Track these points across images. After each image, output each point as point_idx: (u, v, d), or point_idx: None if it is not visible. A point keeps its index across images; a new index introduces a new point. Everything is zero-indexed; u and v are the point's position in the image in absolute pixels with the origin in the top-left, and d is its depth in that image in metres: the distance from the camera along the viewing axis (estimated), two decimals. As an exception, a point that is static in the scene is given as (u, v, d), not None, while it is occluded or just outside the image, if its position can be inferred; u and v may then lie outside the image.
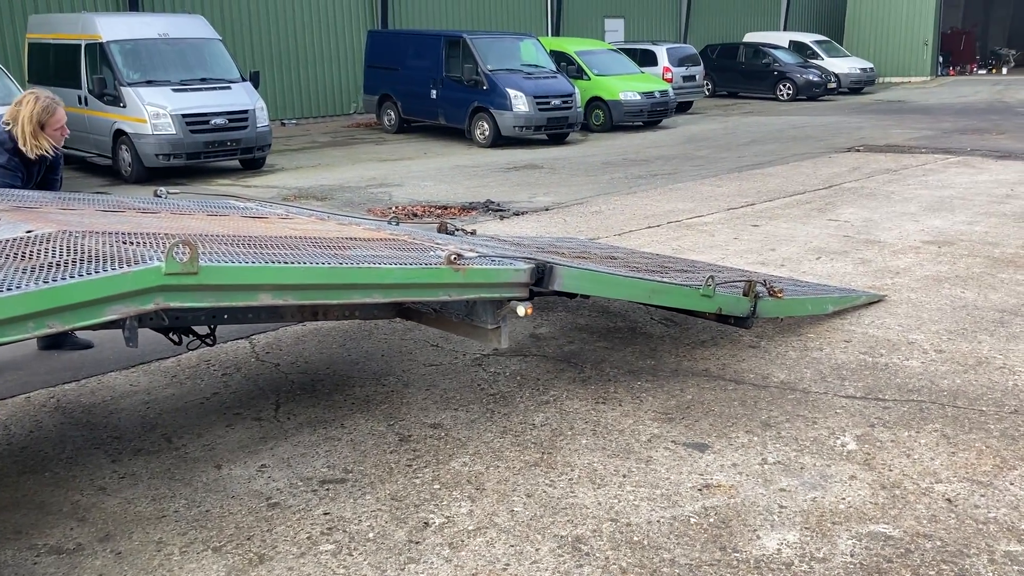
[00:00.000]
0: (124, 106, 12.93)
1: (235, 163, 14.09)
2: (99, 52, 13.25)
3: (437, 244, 4.36)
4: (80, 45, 13.56)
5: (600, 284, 4.44)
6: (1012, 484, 3.66)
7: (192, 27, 14.39)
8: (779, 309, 5.39)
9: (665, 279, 4.87)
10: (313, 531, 3.40)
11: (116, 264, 2.86)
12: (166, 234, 3.55)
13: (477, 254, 4.12)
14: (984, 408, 4.41)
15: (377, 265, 3.56)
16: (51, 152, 5.23)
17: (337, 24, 22.17)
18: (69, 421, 4.49)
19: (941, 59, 35.90)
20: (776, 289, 5.27)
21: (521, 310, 3.90)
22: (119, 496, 3.70)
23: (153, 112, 12.70)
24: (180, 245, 2.87)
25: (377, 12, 22.76)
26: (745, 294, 5.04)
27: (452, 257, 3.75)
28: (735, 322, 5.10)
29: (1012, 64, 38.61)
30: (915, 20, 34.25)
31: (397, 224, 6.68)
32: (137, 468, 3.95)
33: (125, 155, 13.08)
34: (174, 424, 4.42)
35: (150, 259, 2.91)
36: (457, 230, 7.12)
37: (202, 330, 4.15)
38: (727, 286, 5.03)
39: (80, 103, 13.73)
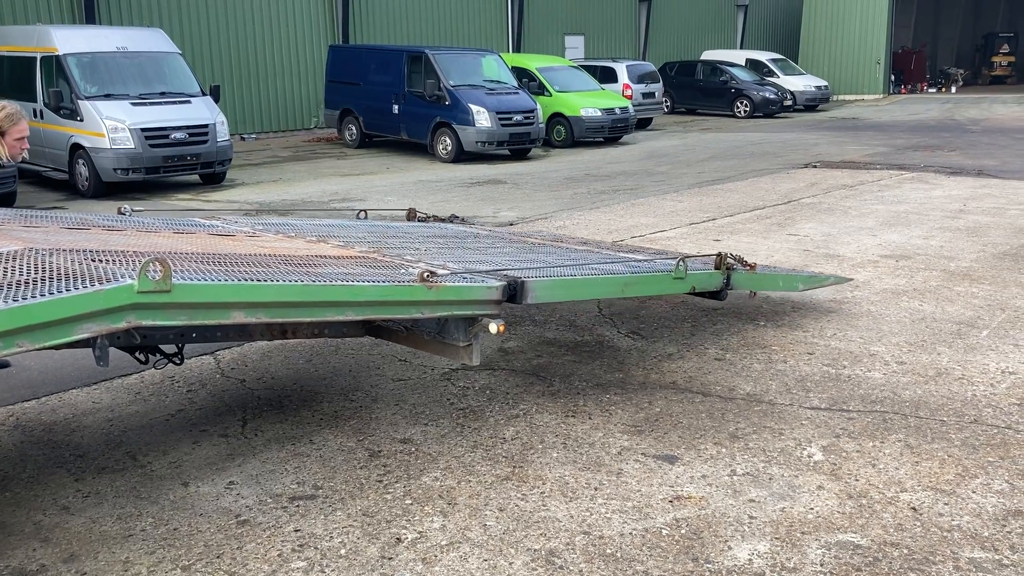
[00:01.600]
0: (81, 120, 12.74)
1: (195, 178, 13.95)
2: (55, 65, 13.05)
3: (407, 262, 4.37)
4: (36, 58, 13.35)
5: (573, 289, 4.48)
6: (974, 492, 3.74)
7: (151, 40, 14.24)
8: (752, 282, 5.55)
9: (639, 268, 4.95)
10: (284, 548, 3.38)
11: (87, 282, 2.83)
12: (135, 252, 3.51)
13: (449, 271, 4.14)
14: (945, 418, 4.51)
15: (350, 283, 3.55)
16: (5, 160, 5.11)
17: (298, 38, 22.10)
18: (29, 439, 4.40)
19: (893, 78, 36.72)
20: (749, 262, 5.41)
21: (493, 328, 3.91)
22: (83, 515, 3.64)
23: (111, 126, 12.53)
24: (153, 263, 2.85)
25: (338, 27, 22.72)
26: (717, 267, 5.23)
27: (425, 275, 3.75)
28: (709, 295, 5.27)
29: (960, 83, 39.60)
30: (867, 39, 35.00)
31: (366, 217, 6.69)
32: (102, 487, 3.89)
33: (82, 169, 12.88)
34: (139, 442, 4.35)
35: (122, 277, 2.88)
36: (429, 217, 7.14)
37: (169, 348, 4.10)
38: (698, 261, 5.17)
39: (35, 116, 13.49)
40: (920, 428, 4.40)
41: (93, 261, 3.17)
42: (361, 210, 6.86)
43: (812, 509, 3.63)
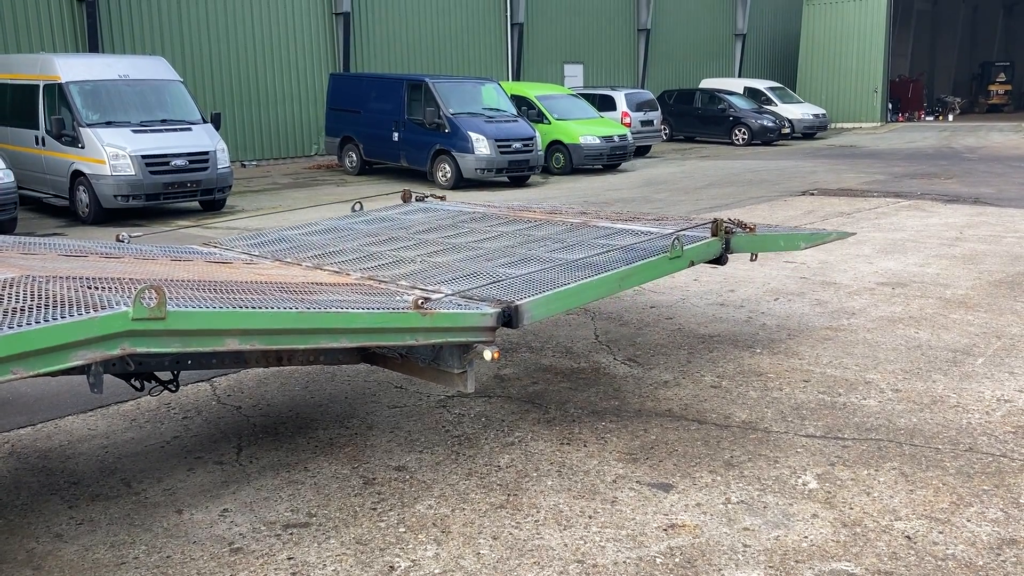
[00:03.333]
0: (82, 147, 12.82)
1: (195, 204, 14.01)
2: (58, 93, 13.15)
3: (402, 288, 4.39)
4: (38, 86, 13.45)
5: (569, 299, 4.43)
6: (969, 521, 3.74)
7: (153, 68, 14.36)
8: (752, 244, 5.48)
9: (634, 253, 4.89)
10: (277, 577, 3.37)
11: (82, 309, 2.85)
12: (131, 279, 3.53)
13: (443, 294, 4.16)
14: (940, 446, 4.51)
15: (344, 310, 3.57)
16: None
17: (299, 66, 22.27)
18: (24, 466, 4.40)
19: (890, 106, 36.96)
20: (748, 224, 5.37)
21: (488, 354, 3.93)
22: (76, 543, 3.63)
23: (112, 153, 12.60)
24: (148, 290, 2.87)
25: (339, 55, 22.91)
26: (714, 234, 5.16)
27: (419, 301, 3.77)
28: (711, 262, 5.27)
29: (957, 111, 39.85)
30: (865, 68, 35.27)
31: (361, 208, 6.71)
32: (95, 514, 3.88)
33: (83, 196, 12.94)
34: (134, 468, 4.35)
35: (117, 304, 2.89)
36: (426, 196, 7.15)
37: (165, 375, 4.11)
38: (696, 230, 5.10)
39: (37, 143, 13.60)
40: (915, 456, 4.40)
41: (89, 288, 3.19)
42: (357, 201, 6.88)
43: (806, 537, 3.62)
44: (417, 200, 7.16)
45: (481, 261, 5.06)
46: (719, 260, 5.37)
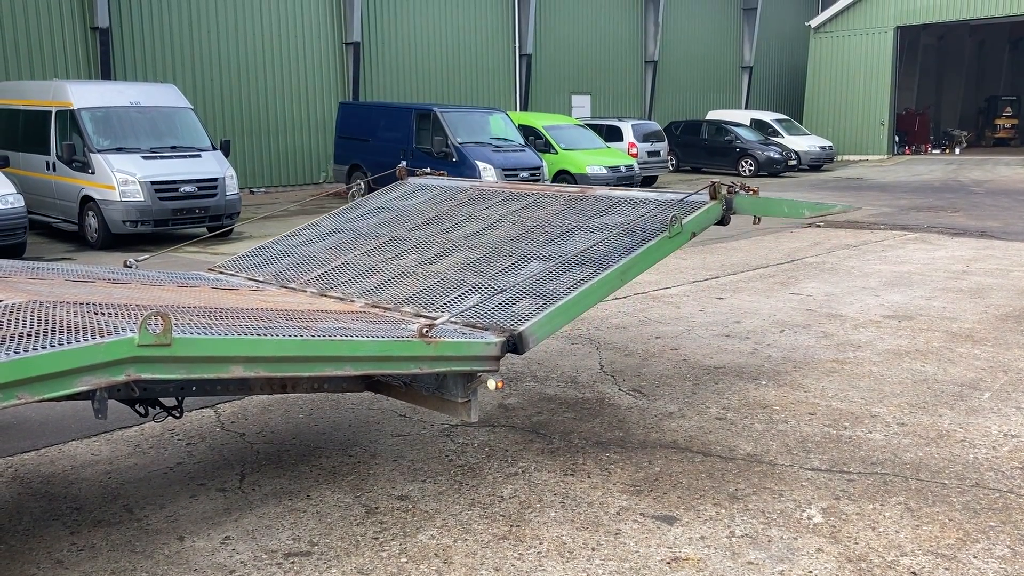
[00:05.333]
0: (93, 172, 12.92)
1: (203, 230, 14.08)
2: (69, 119, 13.29)
3: (406, 316, 4.40)
4: (51, 112, 13.59)
5: (571, 310, 4.36)
6: (975, 557, 3.70)
7: (164, 96, 14.51)
8: (756, 206, 5.30)
9: (633, 240, 4.80)
10: (278, 606, 3.35)
11: (88, 335, 2.86)
12: (137, 305, 3.55)
13: (447, 319, 4.16)
14: (946, 481, 4.48)
15: (349, 338, 3.57)
16: None
17: (308, 95, 22.47)
18: (27, 491, 4.40)
19: (897, 139, 37.06)
20: (751, 187, 5.22)
21: (492, 384, 3.93)
22: (77, 570, 3.62)
23: (122, 179, 12.70)
24: (154, 316, 2.88)
25: (348, 84, 23.12)
26: (712, 197, 5.03)
27: (423, 330, 3.78)
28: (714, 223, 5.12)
29: (964, 145, 39.92)
30: (871, 101, 35.42)
31: (362, 193, 6.62)
32: (97, 540, 3.87)
33: (92, 221, 13.03)
34: (136, 495, 4.34)
35: (123, 330, 2.91)
36: (424, 173, 7.08)
37: (169, 401, 4.12)
38: (693, 197, 4.96)
39: (48, 169, 13.72)
40: (921, 491, 4.36)
41: (96, 314, 3.21)
42: (355, 182, 6.80)
43: (811, 572, 3.59)
44: (413, 176, 7.01)
45: (482, 266, 4.97)
46: (722, 221, 5.18)
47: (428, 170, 7.24)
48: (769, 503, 4.23)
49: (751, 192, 5.26)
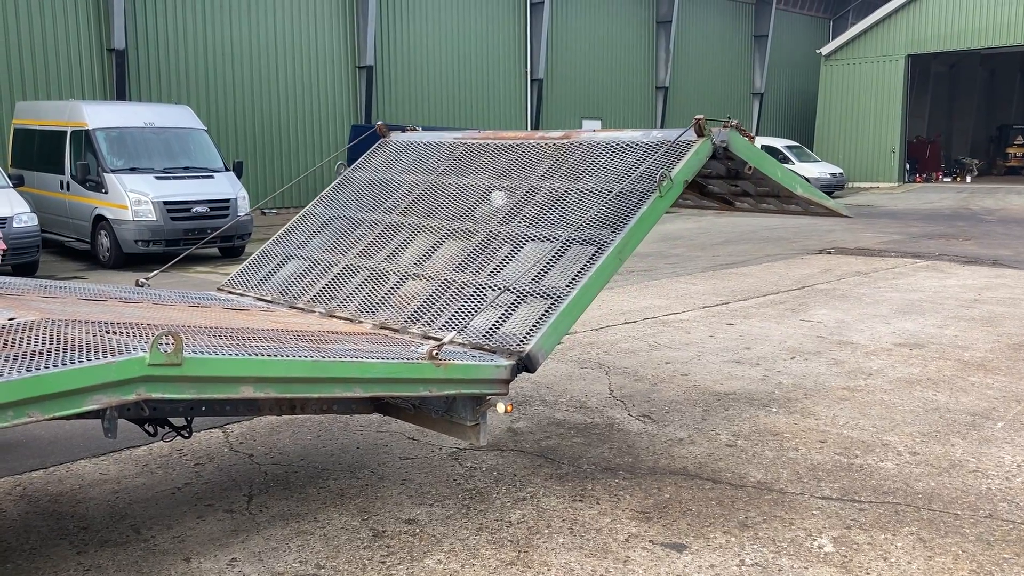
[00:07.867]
0: (106, 192, 13.03)
1: (214, 251, 14.15)
2: (84, 139, 13.42)
3: (415, 339, 4.39)
4: (66, 132, 13.73)
5: (574, 312, 4.25)
6: (988, 590, 3.66)
7: (178, 117, 14.64)
8: (750, 151, 5.03)
9: (625, 222, 4.52)
10: (283, 630, 3.32)
11: (99, 354, 2.87)
12: (149, 324, 3.56)
13: (457, 341, 4.15)
14: (959, 512, 4.43)
15: (359, 359, 3.57)
16: None
17: (321, 117, 22.65)
18: (35, 510, 4.39)
19: (908, 166, 37.05)
20: (748, 133, 4.97)
21: (501, 407, 3.91)
22: (84, 590, 3.60)
23: (135, 199, 12.80)
24: (165, 336, 2.89)
25: (361, 107, 23.29)
26: (699, 135, 4.75)
27: (433, 352, 3.77)
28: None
29: (975, 173, 39.86)
30: (882, 129, 35.46)
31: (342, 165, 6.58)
32: (103, 560, 3.86)
33: (104, 240, 13.12)
34: (144, 515, 4.33)
35: (134, 349, 2.91)
36: (417, 127, 6.97)
37: (178, 421, 4.12)
38: (675, 133, 4.76)
39: (62, 188, 13.84)
40: (933, 521, 4.32)
41: (107, 333, 3.21)
42: (339, 162, 6.69)
43: (822, 603, 3.54)
44: (395, 133, 6.83)
45: (479, 260, 4.82)
46: (714, 155, 4.88)
47: (409, 125, 7.25)
48: (779, 532, 4.19)
49: (749, 138, 4.98)
